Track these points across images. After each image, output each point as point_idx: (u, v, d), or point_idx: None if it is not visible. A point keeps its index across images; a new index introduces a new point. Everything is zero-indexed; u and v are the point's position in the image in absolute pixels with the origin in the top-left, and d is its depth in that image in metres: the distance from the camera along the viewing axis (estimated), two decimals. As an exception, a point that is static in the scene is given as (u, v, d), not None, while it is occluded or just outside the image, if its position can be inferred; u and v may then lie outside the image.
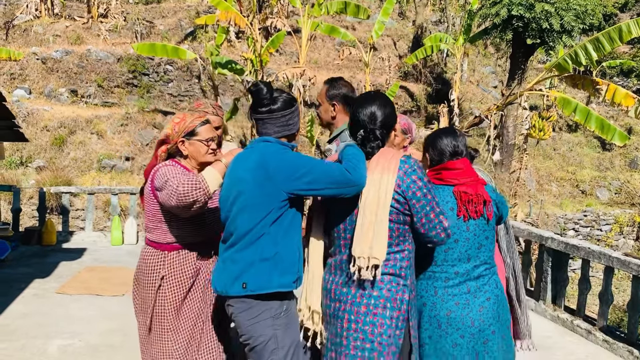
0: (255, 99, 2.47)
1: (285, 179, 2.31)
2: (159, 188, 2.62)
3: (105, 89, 16.11)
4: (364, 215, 2.26)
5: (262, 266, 2.36)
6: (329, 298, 2.38)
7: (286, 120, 2.48)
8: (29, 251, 7.90)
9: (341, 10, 14.23)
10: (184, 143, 2.76)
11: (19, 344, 4.48)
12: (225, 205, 2.48)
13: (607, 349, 4.78)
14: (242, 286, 2.36)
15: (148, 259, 2.80)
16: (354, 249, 2.25)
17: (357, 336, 2.25)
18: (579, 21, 13.41)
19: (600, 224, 16.44)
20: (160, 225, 2.76)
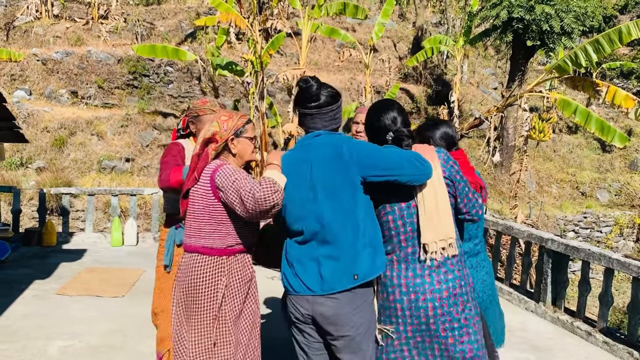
0: (305, 94, 2.51)
1: (363, 165, 2.38)
2: (223, 188, 2.51)
3: (105, 90, 16.12)
4: (424, 204, 2.44)
5: (365, 253, 2.40)
6: (399, 292, 2.44)
7: (333, 114, 2.54)
8: (29, 252, 7.90)
9: (340, 11, 14.24)
10: (233, 141, 2.68)
11: (19, 345, 4.48)
12: (295, 204, 2.46)
13: (607, 351, 4.78)
14: (354, 278, 2.38)
15: (206, 267, 2.61)
16: (424, 237, 2.42)
17: (445, 319, 2.41)
18: (579, 23, 13.42)
19: (600, 226, 16.44)
20: (220, 228, 2.61)
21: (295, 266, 2.48)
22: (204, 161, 2.64)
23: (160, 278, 3.46)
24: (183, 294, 2.65)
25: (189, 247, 2.67)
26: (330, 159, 2.41)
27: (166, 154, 3.30)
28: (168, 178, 3.07)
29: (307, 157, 2.47)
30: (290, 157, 2.53)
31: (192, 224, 2.66)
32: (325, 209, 2.40)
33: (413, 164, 2.36)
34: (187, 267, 2.66)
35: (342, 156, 2.40)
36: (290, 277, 2.49)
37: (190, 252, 2.67)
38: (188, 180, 2.66)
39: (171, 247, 3.38)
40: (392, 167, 2.36)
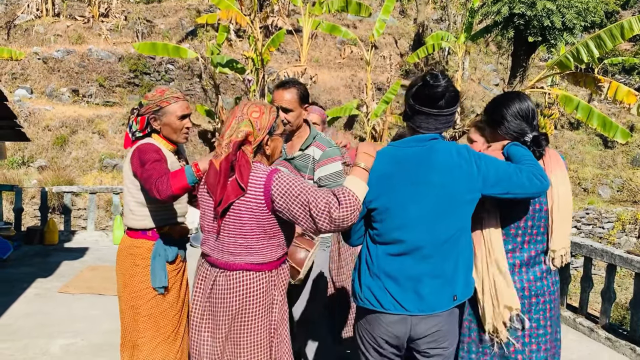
0: (431, 92, 2.16)
1: (488, 181, 2.16)
2: (285, 200, 2.17)
3: (106, 89, 16.12)
4: (559, 211, 2.36)
5: (461, 272, 2.24)
6: (521, 296, 2.36)
7: (451, 117, 2.24)
8: (31, 251, 7.91)
9: (342, 9, 14.23)
10: (267, 141, 2.35)
11: (21, 343, 4.49)
12: (400, 210, 2.16)
13: (609, 347, 4.77)
14: (453, 298, 2.22)
15: (259, 284, 2.32)
16: (554, 243, 2.37)
17: (554, 321, 2.46)
18: (581, 18, 13.38)
19: (602, 222, 16.41)
20: (272, 241, 2.30)
21: (384, 280, 2.20)
22: (247, 168, 2.23)
23: (148, 303, 2.83)
24: (227, 315, 2.32)
25: (232, 266, 2.31)
26: (456, 168, 2.14)
27: (146, 157, 2.66)
28: (169, 186, 2.49)
29: (426, 160, 2.17)
30: (401, 156, 2.22)
31: (237, 241, 2.27)
32: (440, 223, 2.15)
33: (533, 181, 2.16)
34: (228, 285, 2.31)
35: (470, 168, 2.15)
36: (379, 292, 2.21)
37: (231, 270, 2.32)
38: (228, 191, 2.23)
39: (164, 267, 2.82)
40: (514, 185, 2.16)
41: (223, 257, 2.32)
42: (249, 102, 2.38)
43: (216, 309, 2.35)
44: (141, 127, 2.84)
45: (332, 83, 18.44)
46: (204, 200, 2.40)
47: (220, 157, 2.26)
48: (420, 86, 2.19)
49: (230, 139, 2.26)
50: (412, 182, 2.15)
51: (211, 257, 2.37)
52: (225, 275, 2.32)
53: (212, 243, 2.34)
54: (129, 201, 2.83)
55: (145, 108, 2.81)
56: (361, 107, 16.20)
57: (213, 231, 2.33)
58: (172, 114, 2.79)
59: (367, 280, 2.24)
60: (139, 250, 2.82)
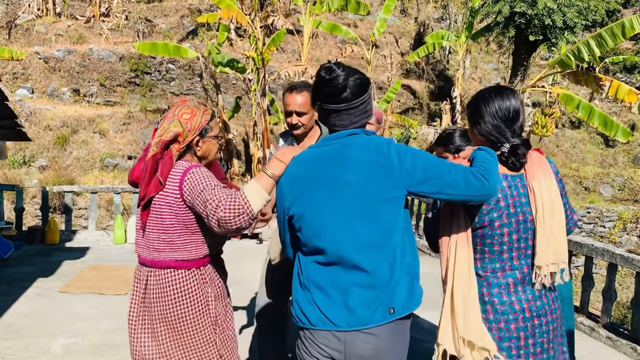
0: (330, 87, 1.96)
1: (413, 178, 1.91)
2: (191, 197, 2.19)
3: (107, 88, 16.14)
4: (543, 222, 2.09)
5: (403, 282, 1.95)
6: (522, 319, 2.09)
7: (364, 107, 2.01)
8: (32, 250, 7.91)
9: (342, 7, 14.23)
10: (198, 142, 2.36)
11: (23, 342, 4.49)
12: (317, 216, 1.95)
13: (610, 346, 4.77)
14: (389, 312, 1.92)
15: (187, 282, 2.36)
16: (538, 259, 2.09)
17: (558, 340, 2.20)
18: (582, 17, 13.36)
19: (603, 221, 16.40)
20: (194, 237, 2.32)
21: (313, 292, 1.97)
22: (168, 165, 2.27)
23: None
24: (165, 316, 2.31)
25: (158, 263, 2.31)
26: (373, 164, 1.91)
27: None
28: (132, 171, 2.54)
29: (339, 158, 1.95)
30: (314, 157, 2.01)
31: (160, 236, 2.29)
32: (361, 226, 1.91)
33: (471, 182, 1.90)
34: (160, 285, 2.31)
35: (389, 163, 1.90)
36: (306, 306, 1.99)
37: (158, 268, 2.32)
38: (150, 187, 2.28)
39: None
40: (446, 185, 1.90)
41: (150, 255, 2.33)
42: (182, 104, 2.41)
43: (152, 309, 2.34)
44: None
45: (333, 82, 18.41)
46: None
47: (149, 155, 2.33)
48: (318, 83, 1.99)
49: (160, 138, 2.31)
50: (324, 183, 1.94)
51: (141, 256, 2.38)
52: (155, 275, 2.33)
53: (140, 240, 2.38)
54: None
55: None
56: (362, 106, 16.17)
57: (139, 227, 2.37)
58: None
59: (298, 294, 2.03)
60: None
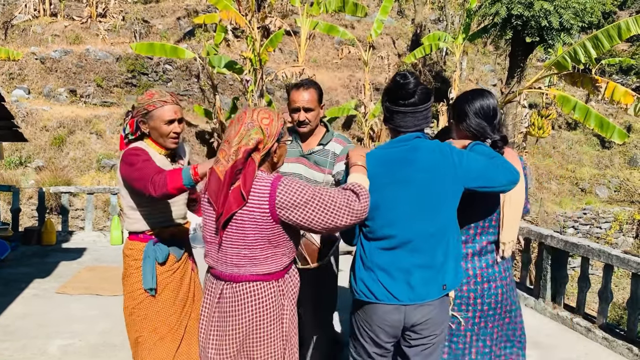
0: (402, 91, 2.29)
1: (470, 176, 2.30)
2: (298, 206, 2.13)
3: (104, 89, 16.11)
4: (511, 207, 2.60)
5: (451, 263, 2.37)
6: (474, 282, 2.62)
7: (427, 113, 2.36)
8: (28, 251, 7.90)
9: (339, 9, 14.23)
10: (276, 148, 2.28)
11: (19, 344, 4.49)
12: (389, 208, 2.29)
13: (606, 347, 4.78)
14: (442, 288, 2.35)
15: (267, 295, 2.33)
16: (504, 236, 2.62)
17: (507, 302, 2.68)
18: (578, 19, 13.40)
19: (600, 222, 16.46)
20: (276, 251, 2.26)
21: (377, 273, 2.32)
22: (252, 177, 2.15)
23: (141, 304, 2.81)
24: (238, 329, 2.26)
25: (237, 277, 2.25)
26: (439, 165, 2.28)
27: (134, 159, 2.63)
28: (165, 183, 2.46)
29: (410, 159, 2.29)
30: (385, 157, 2.33)
31: (240, 252, 2.22)
32: (427, 218, 2.28)
33: (507, 175, 2.34)
34: (236, 297, 2.26)
35: (453, 164, 2.28)
36: (371, 284, 2.33)
37: (237, 282, 2.26)
38: (229, 202, 2.15)
39: (154, 268, 2.79)
40: (492, 179, 2.32)
41: (227, 270, 2.26)
42: (257, 108, 2.30)
43: (225, 323, 2.28)
44: (132, 130, 2.80)
45: (330, 83, 18.44)
46: (205, 209, 2.33)
47: (223, 165, 2.18)
48: (392, 87, 2.32)
49: (238, 146, 2.17)
50: (397, 180, 2.28)
51: (215, 269, 2.31)
52: (231, 287, 2.27)
53: (215, 255, 2.28)
54: (123, 205, 2.86)
55: (135, 111, 2.78)
56: (359, 107, 16.21)
57: (215, 242, 2.26)
58: (159, 118, 2.73)
59: (362, 273, 2.36)
60: (131, 252, 2.84)
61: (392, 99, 2.33)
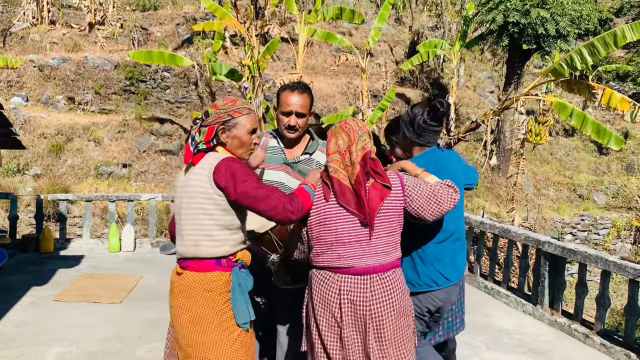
0: (442, 115, 2.88)
1: (467, 177, 3.13)
2: (416, 196, 2.51)
3: (102, 96, 16.13)
4: None
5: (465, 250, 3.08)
6: None
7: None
8: (26, 259, 7.88)
9: (337, 16, 14.30)
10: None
11: (17, 352, 4.47)
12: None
13: (604, 353, 4.78)
14: (466, 266, 3.12)
15: (404, 280, 2.59)
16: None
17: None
18: (575, 26, 13.48)
19: (597, 228, 16.46)
20: (398, 236, 2.57)
21: (435, 264, 2.84)
22: (384, 172, 2.52)
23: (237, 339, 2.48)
24: (388, 322, 2.44)
25: (386, 266, 2.48)
26: (464, 169, 3.07)
27: (247, 174, 2.39)
28: (302, 204, 2.40)
29: (445, 163, 2.91)
30: (431, 164, 2.83)
31: (388, 240, 2.49)
32: (462, 210, 3.02)
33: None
34: (387, 288, 2.46)
35: (464, 166, 3.10)
36: (434, 274, 2.85)
37: (384, 271, 2.47)
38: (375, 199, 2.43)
39: (247, 299, 2.51)
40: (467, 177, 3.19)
41: (378, 261, 2.46)
42: (351, 118, 2.62)
43: (365, 320, 2.42)
44: (207, 139, 2.49)
45: (328, 90, 18.49)
46: (332, 214, 2.47)
47: (343, 173, 2.47)
48: (433, 110, 2.87)
49: (357, 153, 2.47)
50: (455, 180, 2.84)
51: (357, 267, 2.44)
52: (381, 278, 2.46)
53: (360, 251, 2.45)
54: (206, 226, 2.43)
55: (215, 117, 2.50)
56: (357, 114, 16.23)
57: (361, 240, 2.45)
58: (244, 126, 2.52)
59: (423, 269, 2.84)
60: (216, 285, 2.44)
61: (432, 119, 2.88)
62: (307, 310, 2.61)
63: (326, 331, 2.48)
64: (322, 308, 2.48)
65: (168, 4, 22.00)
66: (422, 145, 2.92)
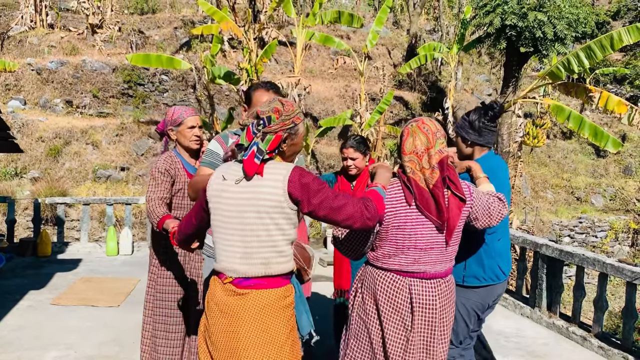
0: (497, 115, 3.03)
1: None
2: (479, 203, 2.57)
3: (100, 100, 16.12)
4: None
5: None
6: None
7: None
8: (23, 262, 7.87)
9: (335, 20, 14.31)
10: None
11: (14, 355, 4.46)
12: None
13: (602, 355, 4.79)
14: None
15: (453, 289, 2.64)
16: None
17: None
18: (572, 29, 13.50)
19: (595, 231, 16.48)
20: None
21: (496, 259, 2.98)
22: (459, 180, 2.51)
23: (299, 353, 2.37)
24: (445, 321, 2.53)
25: (449, 271, 2.58)
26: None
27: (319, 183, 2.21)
28: (376, 210, 2.22)
29: (503, 168, 3.07)
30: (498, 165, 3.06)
31: (455, 248, 2.56)
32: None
33: None
34: (449, 291, 2.55)
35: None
36: (496, 269, 2.98)
37: (447, 276, 2.56)
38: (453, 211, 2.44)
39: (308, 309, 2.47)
40: None
41: (445, 267, 2.53)
42: (427, 118, 2.59)
43: (434, 324, 2.48)
44: (272, 148, 2.25)
45: (326, 93, 18.51)
46: (411, 219, 2.43)
47: (419, 176, 2.44)
48: (487, 110, 3.01)
49: (435, 156, 2.44)
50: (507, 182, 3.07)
51: (429, 272, 2.48)
52: (445, 282, 2.54)
53: (435, 257, 2.48)
54: (278, 242, 2.24)
55: (280, 124, 2.25)
56: (355, 117, 16.25)
57: (436, 247, 2.47)
58: (301, 133, 2.35)
59: (488, 262, 2.95)
60: (289, 299, 2.30)
61: (490, 119, 3.01)
62: (364, 312, 2.54)
63: (392, 334, 2.45)
64: (391, 311, 2.46)
65: (166, 8, 22.00)
66: (484, 146, 3.05)
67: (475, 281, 2.95)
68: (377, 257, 2.51)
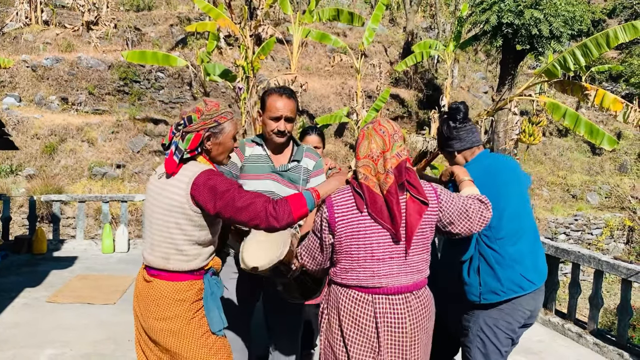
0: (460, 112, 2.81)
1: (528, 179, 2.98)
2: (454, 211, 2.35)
3: (96, 97, 16.07)
4: None
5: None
6: None
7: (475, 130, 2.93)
8: (19, 260, 7.84)
9: (334, 18, 14.32)
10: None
11: (9, 353, 4.45)
12: (514, 204, 2.69)
13: (597, 352, 4.81)
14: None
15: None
16: None
17: None
18: (568, 27, 13.53)
19: (591, 228, 16.53)
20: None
21: (516, 267, 2.62)
22: (420, 184, 2.30)
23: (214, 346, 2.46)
24: (424, 334, 2.34)
25: (419, 284, 2.33)
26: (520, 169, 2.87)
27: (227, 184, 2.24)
28: (290, 211, 2.20)
29: (502, 162, 2.82)
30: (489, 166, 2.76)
31: (423, 256, 2.33)
32: (529, 209, 2.79)
33: None
34: (423, 306, 2.33)
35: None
36: (517, 278, 2.62)
37: (418, 289, 2.33)
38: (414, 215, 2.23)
39: (220, 306, 2.49)
40: None
41: (412, 279, 2.28)
42: (381, 118, 2.37)
43: (404, 344, 2.27)
44: (192, 147, 2.32)
45: (323, 91, 18.50)
46: (365, 227, 2.24)
47: (374, 181, 2.23)
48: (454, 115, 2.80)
49: (391, 160, 2.23)
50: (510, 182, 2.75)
51: (390, 286, 2.25)
52: (415, 297, 2.30)
53: (396, 269, 2.26)
54: (177, 241, 2.33)
55: (200, 123, 2.33)
56: (351, 114, 16.26)
57: (395, 257, 2.25)
58: (229, 132, 2.40)
59: (503, 272, 2.61)
60: (189, 295, 2.39)
61: (459, 122, 2.79)
62: (330, 334, 2.37)
63: (359, 358, 2.28)
64: (356, 332, 2.27)
65: (162, 5, 21.95)
66: (470, 148, 2.81)
67: (494, 296, 2.63)
68: (335, 272, 2.33)
